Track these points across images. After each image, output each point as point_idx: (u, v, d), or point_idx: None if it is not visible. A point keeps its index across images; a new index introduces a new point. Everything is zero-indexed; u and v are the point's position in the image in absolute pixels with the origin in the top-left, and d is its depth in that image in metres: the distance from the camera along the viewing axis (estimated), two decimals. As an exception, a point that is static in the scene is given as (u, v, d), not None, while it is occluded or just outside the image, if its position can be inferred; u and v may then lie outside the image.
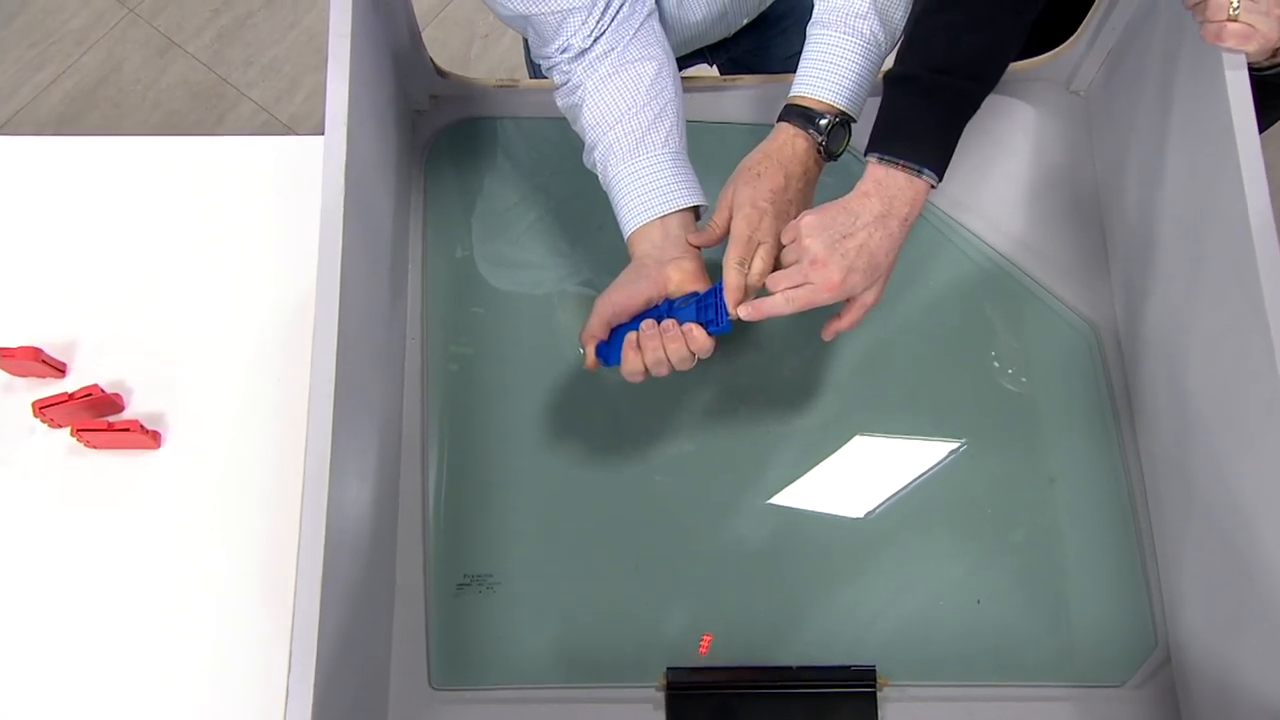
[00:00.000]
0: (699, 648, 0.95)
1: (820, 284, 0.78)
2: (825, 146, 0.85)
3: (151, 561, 0.96)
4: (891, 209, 0.78)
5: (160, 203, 1.08)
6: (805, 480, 0.99)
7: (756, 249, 0.83)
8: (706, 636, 0.95)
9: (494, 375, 1.03)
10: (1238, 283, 0.80)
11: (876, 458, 1.00)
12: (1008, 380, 1.02)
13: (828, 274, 0.77)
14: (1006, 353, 1.03)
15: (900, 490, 0.99)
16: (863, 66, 0.84)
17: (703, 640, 0.95)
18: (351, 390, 0.82)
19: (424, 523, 0.98)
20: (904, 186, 0.79)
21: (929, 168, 0.79)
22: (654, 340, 0.82)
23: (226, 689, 0.92)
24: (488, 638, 0.95)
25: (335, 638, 0.77)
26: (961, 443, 1.00)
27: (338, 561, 0.77)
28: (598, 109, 0.86)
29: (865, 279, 0.79)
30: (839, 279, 0.77)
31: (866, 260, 0.78)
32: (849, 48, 0.84)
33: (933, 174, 0.79)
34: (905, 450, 1.00)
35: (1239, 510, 0.83)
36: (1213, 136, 0.84)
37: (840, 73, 0.84)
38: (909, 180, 0.79)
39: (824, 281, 0.78)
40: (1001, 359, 1.03)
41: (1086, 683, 0.94)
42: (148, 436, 0.98)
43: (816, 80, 0.84)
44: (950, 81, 0.79)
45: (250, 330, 1.03)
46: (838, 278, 0.77)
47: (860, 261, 0.78)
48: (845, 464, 0.99)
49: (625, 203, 0.86)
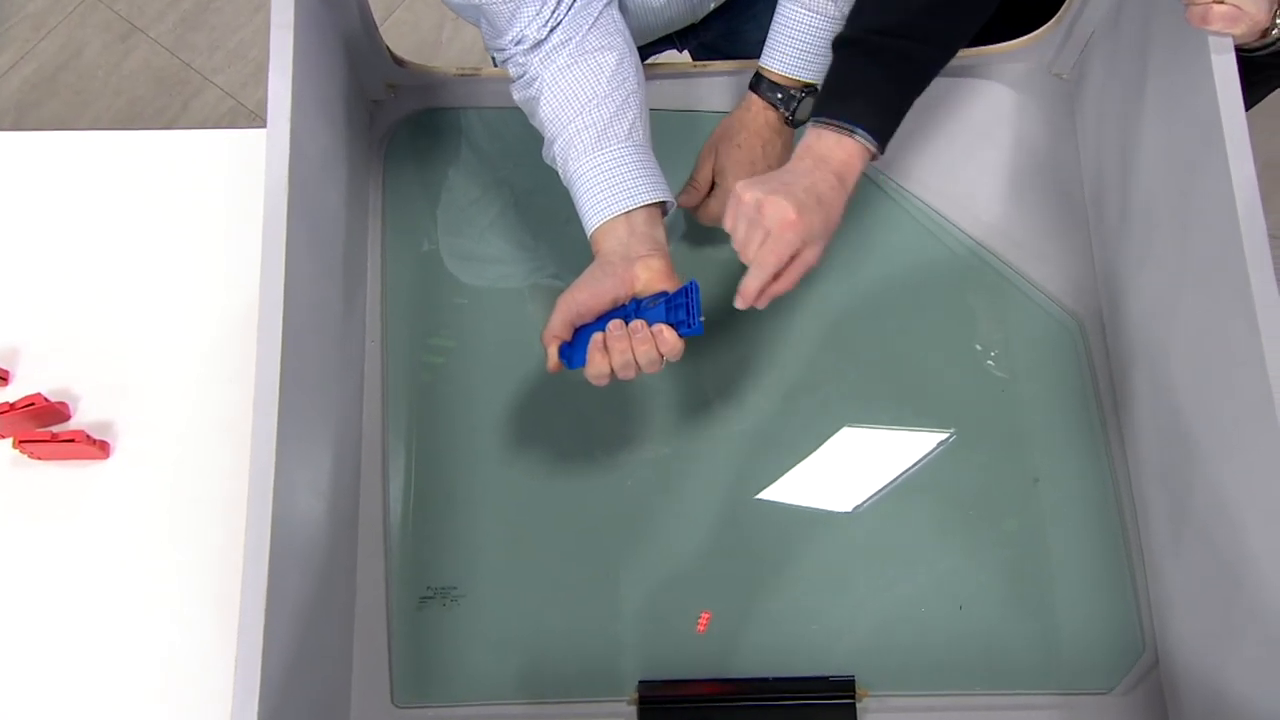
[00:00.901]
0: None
1: (777, 225, 0.75)
2: (793, 118, 0.91)
3: (100, 576, 0.92)
4: (824, 165, 0.78)
5: (107, 201, 1.04)
6: (781, 484, 0.95)
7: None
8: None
9: (459, 377, 0.99)
10: (1223, 273, 0.77)
11: (857, 456, 0.96)
12: (991, 378, 0.98)
13: (781, 210, 0.74)
14: (989, 348, 0.99)
15: (883, 487, 0.95)
16: (828, 41, 0.86)
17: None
18: (301, 397, 0.78)
19: (385, 534, 0.94)
20: (833, 146, 0.78)
21: (861, 127, 0.78)
22: (622, 342, 0.78)
23: (179, 706, 0.89)
24: (452, 652, 0.91)
25: (285, 660, 0.73)
26: (951, 432, 0.97)
27: (287, 580, 0.74)
28: (556, 102, 0.82)
29: (820, 221, 0.76)
30: (794, 214, 0.74)
31: (816, 199, 0.76)
32: (812, 24, 0.87)
33: (866, 134, 0.78)
34: (888, 445, 0.97)
35: (1226, 513, 0.80)
36: (1198, 123, 0.80)
37: (803, 47, 0.88)
38: (838, 139, 0.78)
39: (780, 220, 0.75)
40: (984, 354, 0.99)
41: (1072, 690, 0.90)
42: (94, 447, 0.93)
43: (781, 55, 0.90)
44: (887, 42, 0.79)
45: (202, 335, 0.99)
46: (793, 213, 0.74)
47: (810, 199, 0.76)
48: (823, 467, 0.96)
49: (588, 198, 0.82)
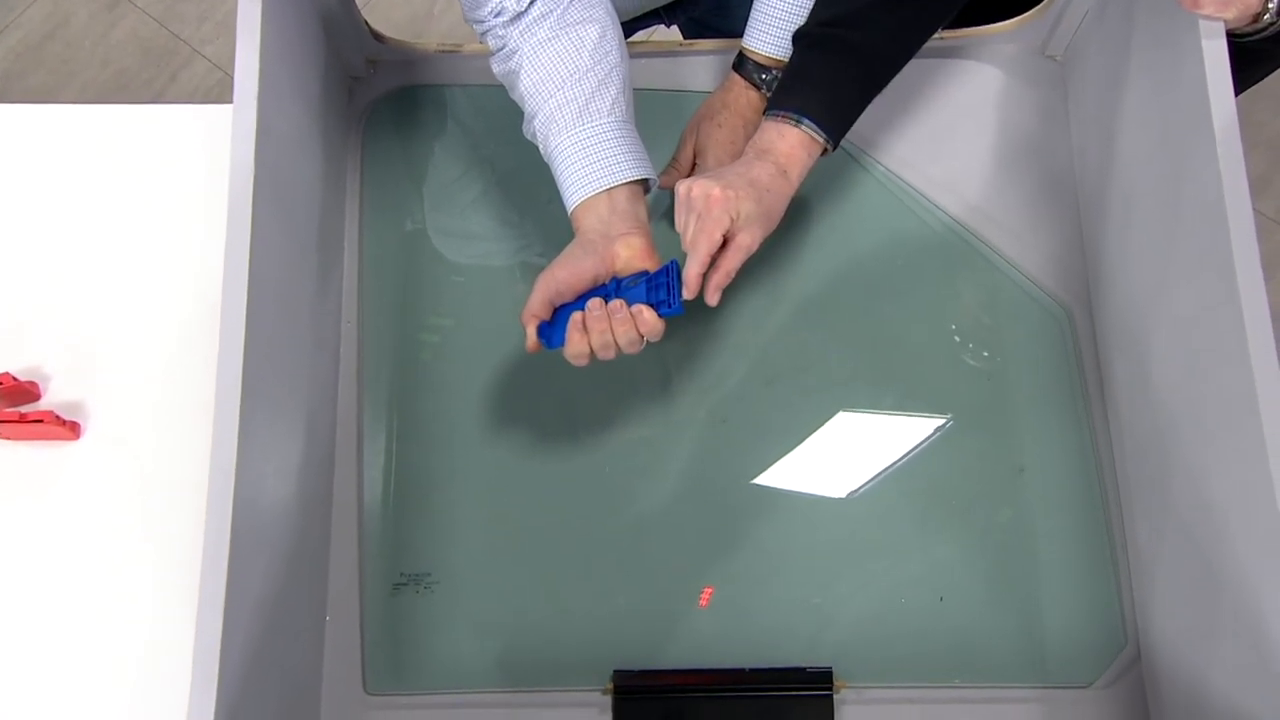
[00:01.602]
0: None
1: (702, 204, 0.75)
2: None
3: (69, 558, 0.90)
4: (765, 156, 0.79)
5: (82, 177, 1.02)
6: (763, 471, 0.94)
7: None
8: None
9: (442, 359, 0.98)
10: (1210, 263, 0.75)
11: (843, 443, 0.95)
12: (976, 365, 0.97)
13: (704, 189, 0.75)
14: (975, 336, 0.98)
15: (871, 476, 0.94)
16: None
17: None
18: (268, 380, 0.76)
19: (359, 519, 0.93)
20: (776, 138, 0.79)
21: (808, 117, 0.78)
22: (601, 321, 0.77)
23: (148, 689, 0.87)
24: (425, 640, 0.90)
25: (249, 647, 0.72)
26: (948, 418, 0.95)
27: (251, 566, 0.73)
28: (536, 75, 0.80)
29: (753, 204, 0.76)
30: (718, 190, 0.75)
31: (748, 182, 0.76)
32: (795, 4, 0.86)
33: (812, 124, 0.78)
34: (877, 432, 0.95)
35: (1208, 506, 0.79)
36: (1188, 109, 0.78)
37: (787, 28, 0.87)
38: (780, 130, 0.79)
39: (704, 197, 0.75)
40: (970, 342, 0.97)
41: (1053, 683, 0.89)
42: (64, 428, 0.92)
43: (764, 35, 0.89)
44: (833, 33, 0.80)
45: (176, 316, 0.97)
46: (716, 189, 0.75)
47: (740, 181, 0.76)
48: (807, 454, 0.94)
49: (569, 175, 0.80)
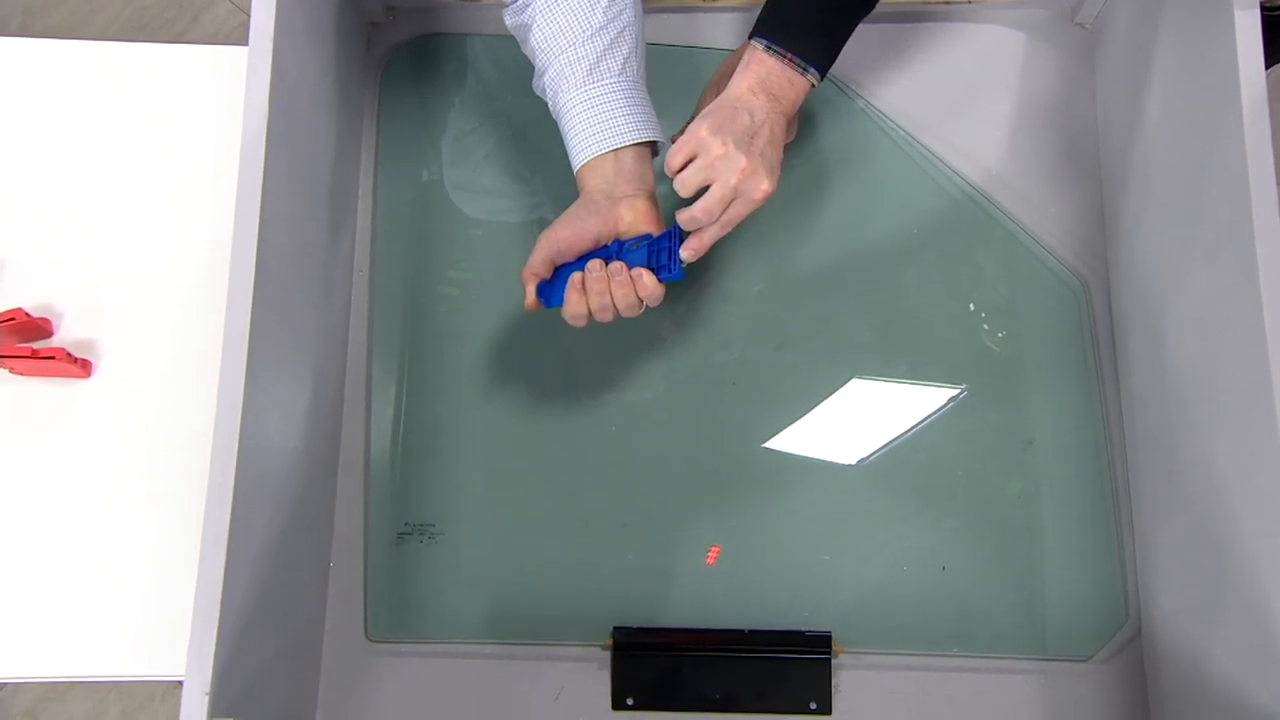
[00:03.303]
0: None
1: (751, 194, 0.75)
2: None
3: (77, 496, 0.91)
4: (776, 105, 0.76)
5: (102, 115, 1.01)
6: (769, 435, 0.94)
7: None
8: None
9: (456, 312, 0.98)
10: (1231, 243, 0.74)
11: (852, 410, 0.94)
12: (989, 335, 0.96)
13: (757, 182, 0.75)
14: (989, 305, 0.97)
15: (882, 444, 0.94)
16: None
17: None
18: (276, 327, 0.76)
19: (365, 468, 0.93)
20: (786, 86, 0.77)
21: (814, 66, 0.77)
22: (600, 283, 0.76)
23: (156, 629, 0.88)
24: (428, 590, 0.91)
25: (252, 591, 0.73)
26: (962, 389, 0.95)
27: (254, 511, 0.73)
28: (549, 30, 0.79)
29: (777, 174, 0.77)
30: (769, 185, 0.75)
31: (775, 156, 0.76)
32: None
33: (816, 73, 0.77)
34: (889, 400, 0.95)
35: (1217, 486, 0.78)
36: (1217, 81, 0.77)
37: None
38: (791, 78, 0.77)
39: (755, 190, 0.75)
40: (983, 311, 0.97)
41: (1052, 656, 0.90)
42: (75, 365, 0.92)
43: None
44: None
45: (189, 258, 0.97)
46: (767, 185, 0.75)
47: (773, 157, 0.76)
48: (815, 419, 0.94)
49: (576, 133, 0.79)
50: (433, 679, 0.90)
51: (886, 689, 0.89)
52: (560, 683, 0.89)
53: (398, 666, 0.90)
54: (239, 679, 0.71)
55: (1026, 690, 0.89)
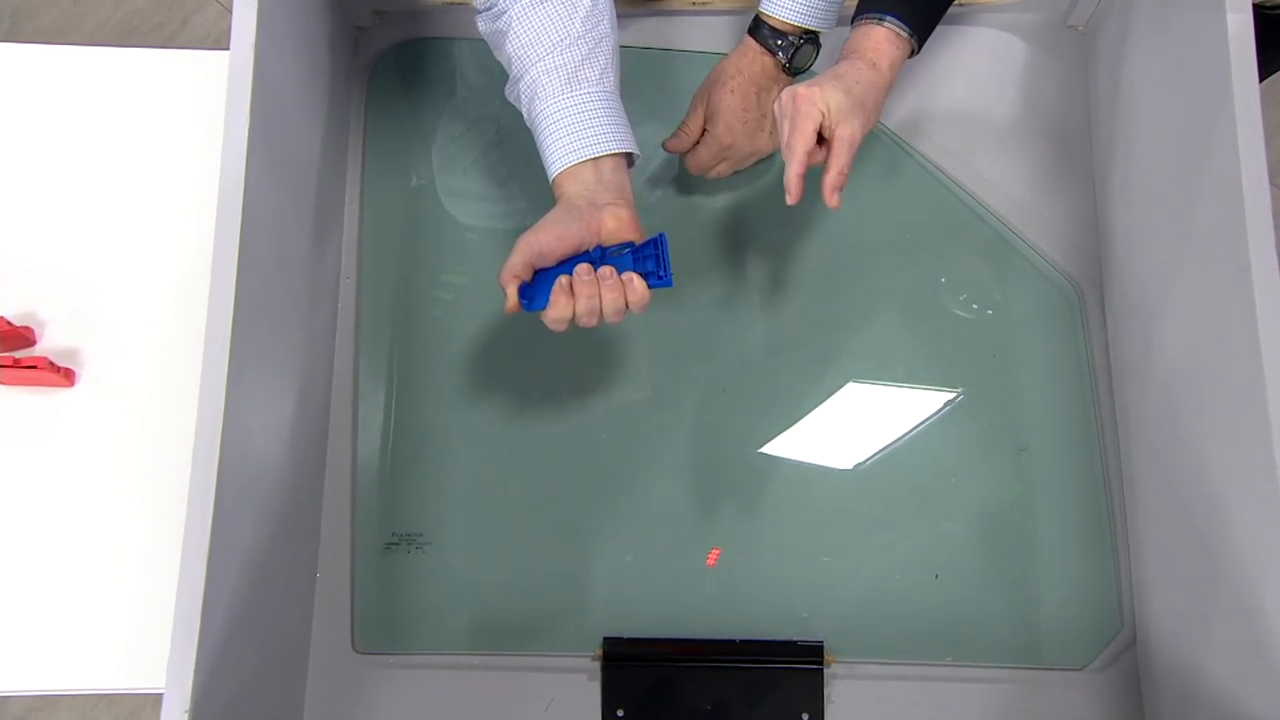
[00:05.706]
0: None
1: (790, 107, 0.76)
2: (790, 65, 0.89)
3: (61, 506, 0.90)
4: (851, 57, 0.80)
5: (84, 121, 1.00)
6: (760, 442, 0.93)
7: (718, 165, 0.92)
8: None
9: (444, 319, 0.97)
10: (1225, 250, 0.74)
11: (844, 415, 0.94)
12: (983, 342, 0.95)
13: (790, 91, 0.77)
14: (982, 309, 0.96)
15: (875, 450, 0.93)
16: None
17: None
18: (259, 335, 0.75)
19: (353, 477, 0.92)
20: (861, 38, 0.80)
21: (891, 14, 0.79)
22: (590, 287, 0.75)
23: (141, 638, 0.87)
24: (416, 600, 0.90)
25: (235, 603, 0.72)
26: (958, 392, 0.94)
27: (238, 523, 0.72)
28: (526, 37, 0.78)
29: (843, 96, 0.76)
30: (803, 88, 0.76)
31: (835, 76, 0.78)
32: None
33: (896, 20, 0.80)
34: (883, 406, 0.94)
35: (1211, 494, 0.78)
36: (1210, 81, 0.76)
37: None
38: (866, 31, 0.80)
39: (790, 100, 0.76)
40: (977, 319, 0.96)
41: (1045, 665, 0.89)
42: (58, 375, 0.91)
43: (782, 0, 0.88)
44: None
45: (174, 266, 0.96)
46: (802, 88, 0.76)
47: (826, 79, 0.77)
48: (807, 425, 0.93)
49: (556, 140, 0.78)
50: (421, 691, 0.89)
51: (879, 699, 0.88)
52: (550, 694, 0.88)
53: (386, 678, 0.89)
54: (221, 693, 0.70)
55: (1020, 700, 0.88)
